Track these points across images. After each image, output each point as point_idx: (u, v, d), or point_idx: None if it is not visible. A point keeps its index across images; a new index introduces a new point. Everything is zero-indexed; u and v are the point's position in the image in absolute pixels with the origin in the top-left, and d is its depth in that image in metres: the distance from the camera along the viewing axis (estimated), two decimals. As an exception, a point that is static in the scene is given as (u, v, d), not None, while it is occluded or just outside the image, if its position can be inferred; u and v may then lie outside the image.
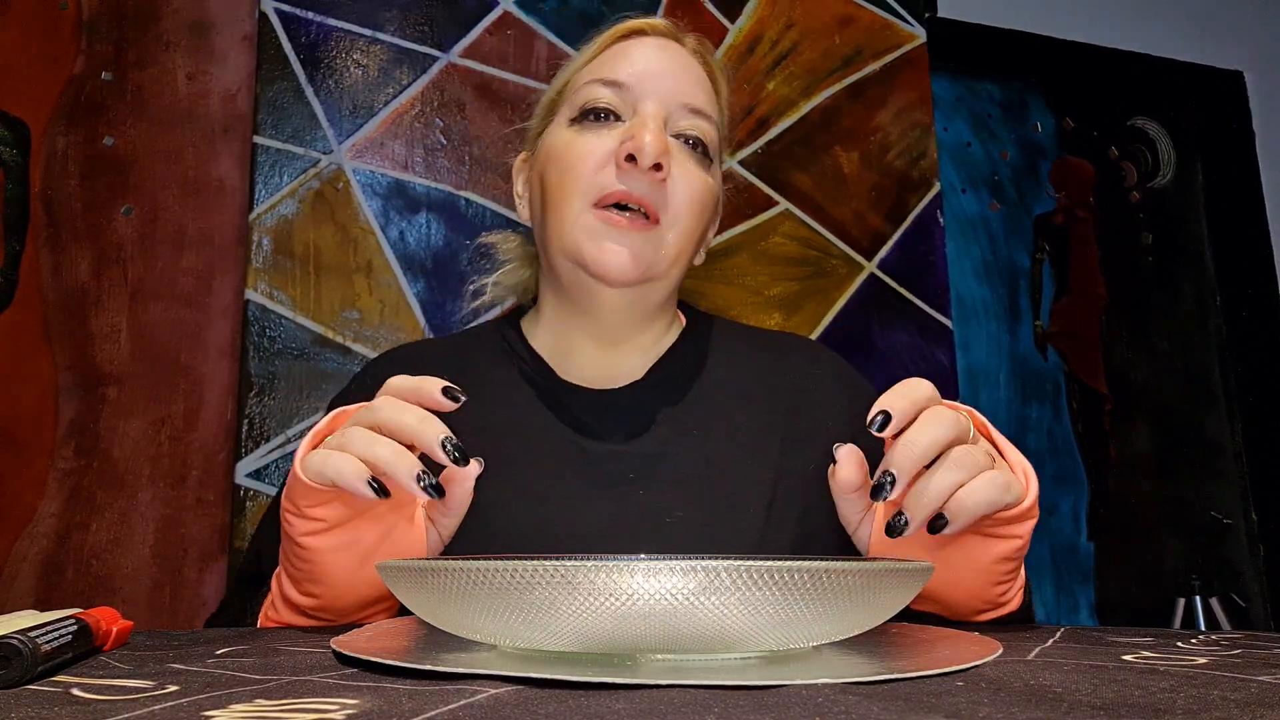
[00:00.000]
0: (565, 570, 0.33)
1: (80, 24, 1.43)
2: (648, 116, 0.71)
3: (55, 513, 1.30)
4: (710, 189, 0.75)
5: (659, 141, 0.69)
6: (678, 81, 0.73)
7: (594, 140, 0.72)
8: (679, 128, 0.73)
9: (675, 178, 0.71)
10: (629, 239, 0.70)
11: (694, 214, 0.73)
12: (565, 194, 0.71)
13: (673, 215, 0.71)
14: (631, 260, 0.70)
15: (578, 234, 0.71)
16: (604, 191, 0.70)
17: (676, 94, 0.73)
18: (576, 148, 0.72)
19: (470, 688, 0.32)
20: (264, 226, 1.40)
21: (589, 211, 0.71)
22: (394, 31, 1.52)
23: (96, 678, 0.36)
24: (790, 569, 0.33)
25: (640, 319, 0.77)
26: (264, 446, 1.34)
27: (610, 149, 0.71)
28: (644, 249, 0.70)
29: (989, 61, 2.15)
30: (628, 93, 0.72)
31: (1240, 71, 2.34)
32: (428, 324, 1.45)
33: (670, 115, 0.73)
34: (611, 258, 0.69)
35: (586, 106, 0.73)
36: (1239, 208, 2.29)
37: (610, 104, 0.73)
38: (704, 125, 0.74)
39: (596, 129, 0.72)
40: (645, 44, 0.75)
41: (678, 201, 0.72)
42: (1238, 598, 2.08)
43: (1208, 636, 0.48)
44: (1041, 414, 2.05)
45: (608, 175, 0.70)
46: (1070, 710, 0.28)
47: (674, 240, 0.72)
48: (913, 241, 1.76)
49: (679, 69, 0.74)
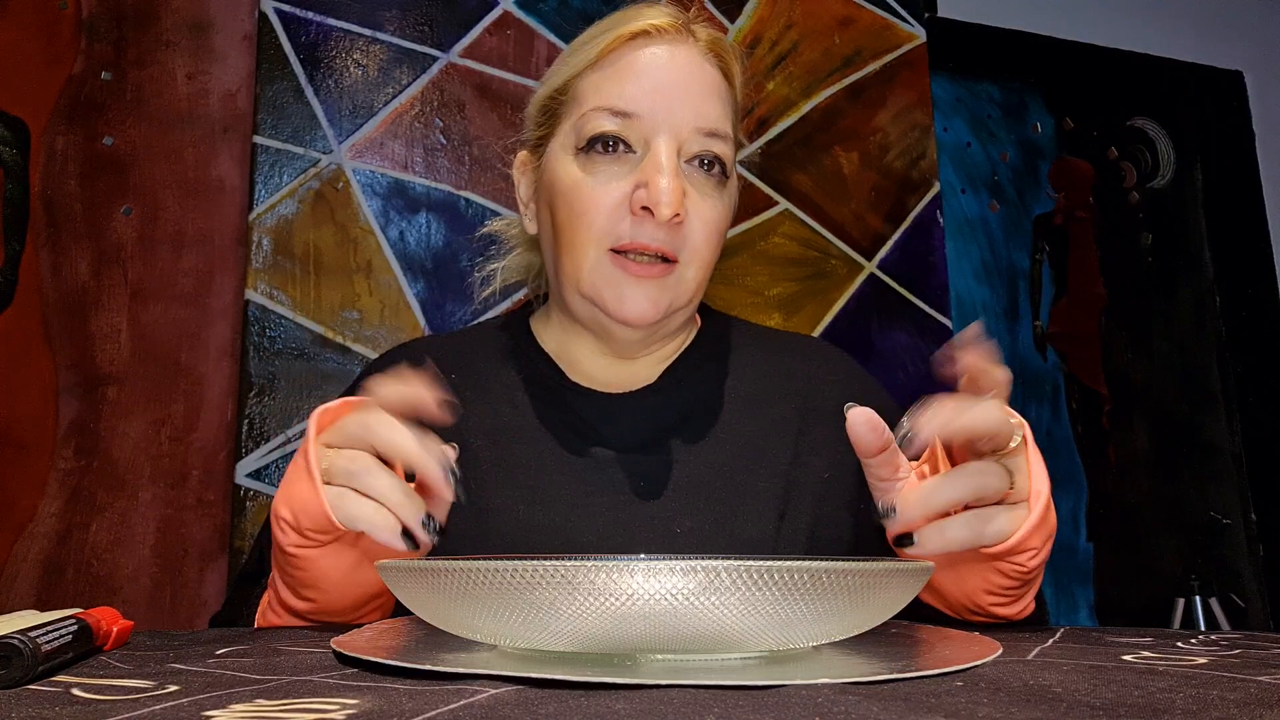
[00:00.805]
0: (565, 570, 0.33)
1: (80, 24, 1.43)
2: (661, 157, 0.67)
3: (55, 513, 1.30)
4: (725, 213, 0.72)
5: (675, 192, 0.66)
6: (691, 102, 0.69)
7: (604, 181, 0.68)
8: (694, 152, 0.69)
9: (692, 216, 0.69)
10: (649, 287, 0.68)
11: (711, 246, 0.71)
12: (579, 239, 0.69)
13: (690, 253, 0.69)
14: (652, 306, 0.68)
15: (595, 281, 0.69)
16: (620, 241, 0.68)
17: (691, 119, 0.69)
18: (585, 190, 0.68)
19: (470, 688, 0.32)
20: (264, 226, 1.40)
21: (605, 258, 0.68)
22: (394, 31, 1.52)
23: (97, 678, 0.36)
24: (790, 569, 0.33)
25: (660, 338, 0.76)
26: (264, 447, 1.34)
27: (624, 192, 0.67)
28: (662, 293, 0.69)
29: (989, 62, 2.15)
30: (638, 123, 0.68)
31: (1240, 71, 2.34)
32: (427, 324, 1.45)
33: (684, 143, 0.69)
34: (631, 307, 0.68)
35: (593, 137, 0.69)
36: (1238, 208, 2.29)
37: (619, 135, 0.69)
38: (721, 146, 0.70)
39: (606, 164, 0.68)
40: (654, 53, 0.70)
41: (695, 241, 0.69)
42: (1237, 598, 2.08)
43: (1207, 636, 0.48)
44: (1041, 414, 2.06)
45: (623, 224, 0.68)
46: (1070, 710, 0.28)
47: (694, 275, 0.70)
48: (912, 242, 1.76)
49: (691, 84, 0.70)
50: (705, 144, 0.69)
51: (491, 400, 0.74)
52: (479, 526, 0.66)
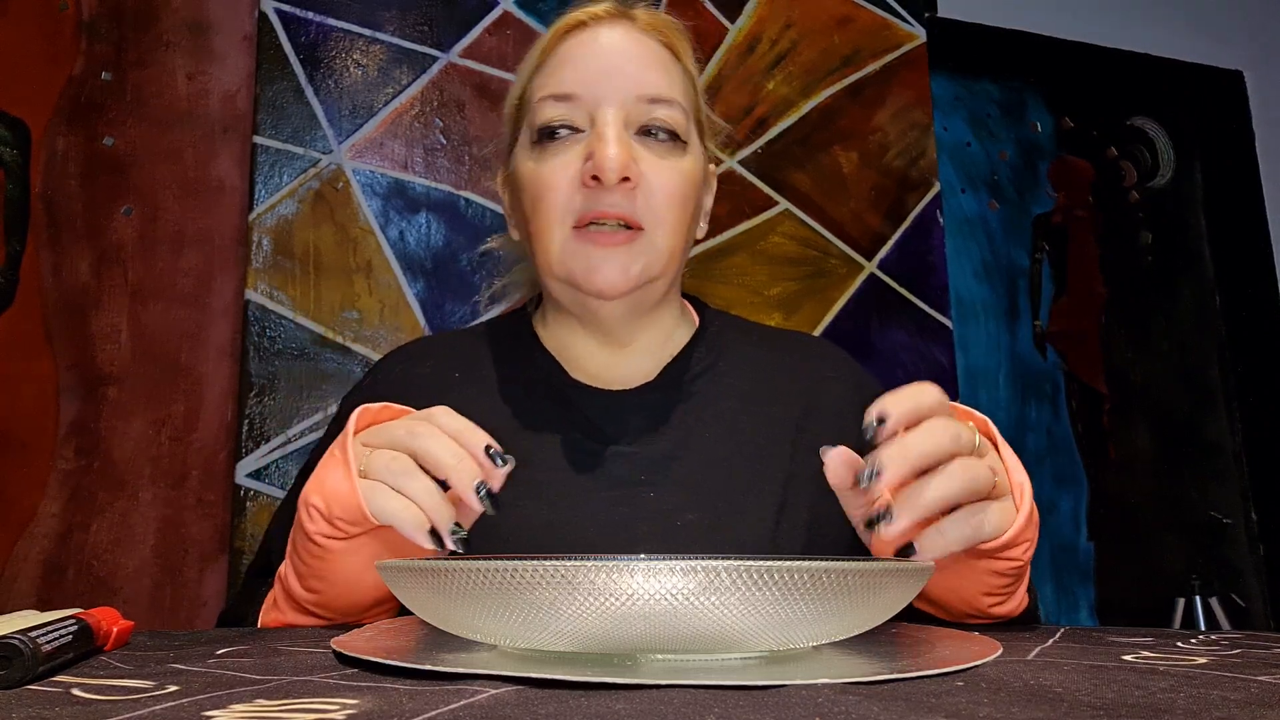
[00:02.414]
0: (565, 570, 0.33)
1: (80, 24, 1.43)
2: (605, 127, 0.68)
3: (56, 513, 1.30)
4: (687, 175, 0.72)
5: (621, 155, 0.67)
6: (630, 74, 0.70)
7: (557, 164, 0.70)
8: (642, 123, 0.70)
9: (647, 179, 0.70)
10: (616, 254, 0.69)
11: (675, 209, 0.71)
12: (543, 223, 0.71)
13: (654, 218, 0.70)
14: (622, 274, 0.69)
15: (565, 259, 0.70)
16: (578, 215, 0.69)
17: (631, 88, 0.70)
18: (542, 175, 0.70)
19: (470, 688, 0.32)
20: (264, 226, 1.40)
21: (570, 235, 0.70)
22: (394, 31, 1.52)
23: (97, 678, 0.36)
24: (790, 569, 0.33)
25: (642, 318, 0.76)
26: (264, 447, 1.34)
27: (575, 169, 0.69)
28: (632, 260, 0.69)
29: (988, 61, 2.15)
30: (580, 103, 0.70)
31: (1240, 71, 2.34)
32: (427, 324, 1.45)
33: (630, 113, 0.70)
34: (601, 277, 0.69)
35: (542, 127, 0.71)
36: (1238, 207, 2.29)
37: (564, 120, 0.70)
38: (667, 111, 0.71)
39: (556, 149, 0.70)
40: (589, 38, 0.72)
41: (655, 204, 0.70)
42: (1237, 598, 2.08)
43: (1208, 636, 0.48)
44: (1041, 414, 2.06)
45: (578, 198, 0.69)
46: (1070, 710, 0.28)
47: (662, 241, 0.71)
48: (912, 241, 1.76)
49: (630, 57, 0.71)
50: (650, 110, 0.70)
51: (494, 398, 0.75)
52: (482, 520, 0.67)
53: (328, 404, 1.38)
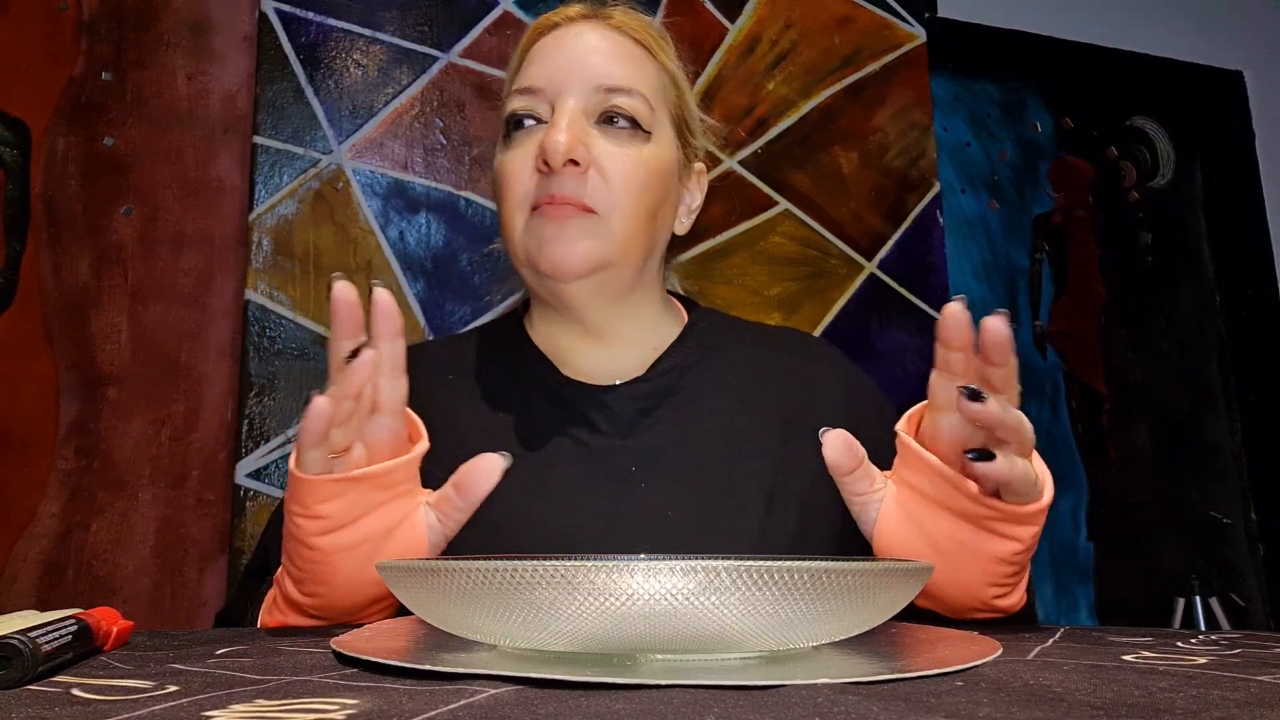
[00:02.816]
0: (565, 570, 0.33)
1: (80, 24, 1.43)
2: (559, 115, 0.70)
3: (56, 513, 1.30)
4: (648, 163, 0.73)
5: (566, 137, 0.68)
6: (593, 65, 0.72)
7: (519, 153, 0.72)
8: (600, 110, 0.72)
9: (601, 164, 0.70)
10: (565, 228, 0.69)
11: (632, 195, 0.71)
12: (506, 211, 0.73)
13: (608, 203, 0.71)
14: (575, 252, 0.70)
15: (525, 241, 0.71)
16: (531, 198, 0.70)
17: (591, 79, 0.71)
18: (506, 165, 0.73)
19: (470, 688, 0.32)
20: (264, 227, 1.40)
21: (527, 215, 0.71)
22: (394, 31, 1.52)
23: (97, 678, 0.36)
24: (790, 569, 0.34)
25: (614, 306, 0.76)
26: (264, 447, 1.34)
27: (533, 157, 0.71)
28: (584, 238, 0.70)
29: (988, 61, 2.15)
30: (542, 95, 0.72)
31: (1240, 71, 2.34)
32: (427, 324, 1.45)
33: (588, 105, 0.71)
34: (556, 253, 0.69)
35: (508, 119, 0.73)
36: (1238, 208, 2.29)
37: (527, 110, 0.72)
38: (627, 100, 0.72)
39: (519, 140, 0.72)
40: (559, 36, 0.74)
41: (610, 189, 0.70)
42: (1237, 598, 2.08)
43: (1207, 636, 0.48)
44: (1041, 414, 2.06)
45: (532, 183, 0.71)
46: (1070, 710, 0.28)
47: (619, 225, 0.71)
48: (912, 241, 1.76)
49: (595, 50, 0.73)
50: (608, 99, 0.72)
51: (487, 397, 0.76)
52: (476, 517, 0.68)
53: (328, 404, 1.37)
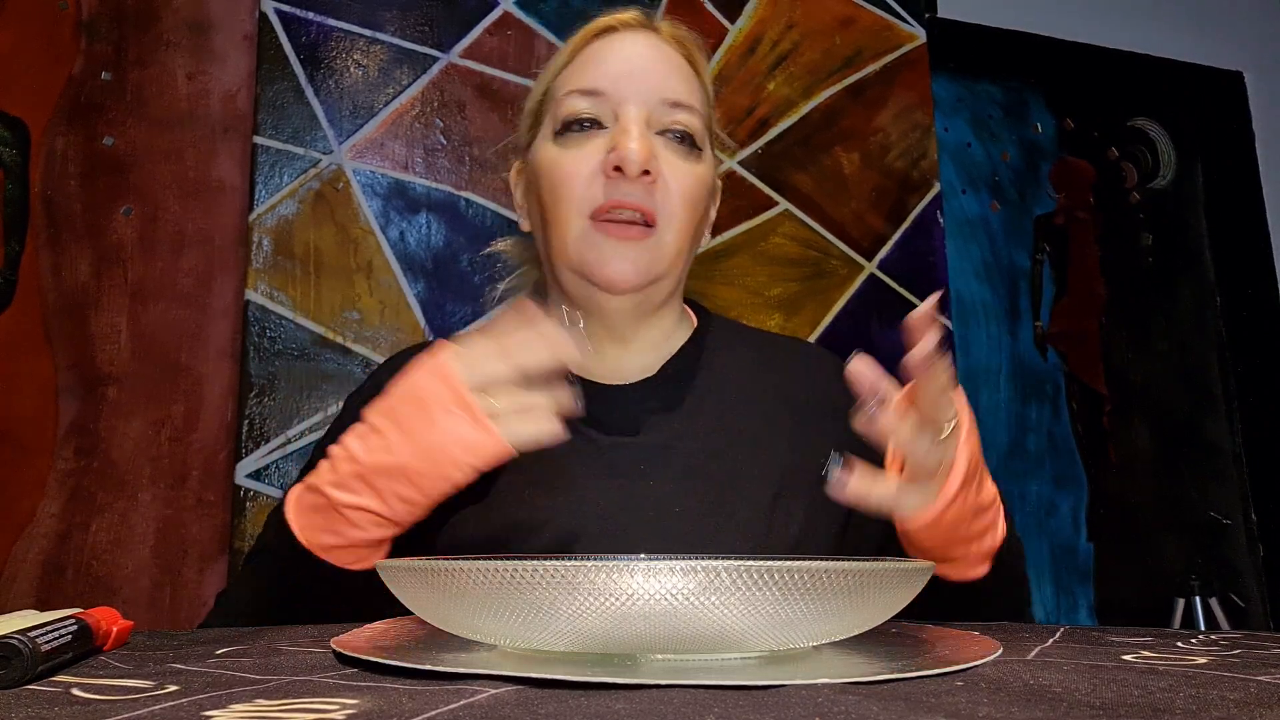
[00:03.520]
0: (565, 570, 0.33)
1: (80, 24, 1.43)
2: (629, 122, 0.71)
3: (55, 513, 1.30)
4: (701, 180, 0.75)
5: (643, 148, 0.70)
6: (655, 77, 0.74)
7: (579, 154, 0.72)
8: (662, 124, 0.73)
9: (665, 178, 0.72)
10: (627, 249, 0.71)
11: (688, 210, 0.74)
12: (560, 211, 0.73)
13: (667, 216, 0.72)
14: (633, 268, 0.71)
15: (580, 248, 0.72)
16: (596, 204, 0.71)
17: (655, 91, 0.73)
18: (564, 164, 0.73)
19: (470, 688, 0.32)
20: (264, 227, 1.40)
21: (587, 225, 0.72)
22: (394, 31, 1.52)
23: (96, 678, 0.36)
24: (790, 569, 0.33)
25: (645, 315, 0.78)
26: (264, 447, 1.34)
27: (597, 161, 0.72)
28: (643, 255, 0.72)
29: (989, 62, 2.15)
30: (606, 99, 0.73)
31: (1240, 71, 2.34)
32: (428, 324, 1.45)
33: (652, 114, 0.73)
34: (614, 269, 0.71)
35: (567, 119, 0.74)
36: (1239, 208, 2.29)
37: (590, 113, 0.73)
38: (686, 117, 0.74)
39: (580, 141, 0.73)
40: (618, 42, 0.76)
41: (671, 202, 0.72)
42: (1237, 598, 2.08)
43: (1207, 636, 0.48)
44: (1041, 414, 2.05)
45: (598, 187, 0.71)
46: (1070, 710, 0.28)
47: (672, 240, 0.73)
48: (913, 242, 1.76)
49: (655, 62, 0.75)
50: (672, 114, 0.74)
51: None
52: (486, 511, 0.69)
53: (328, 404, 1.38)
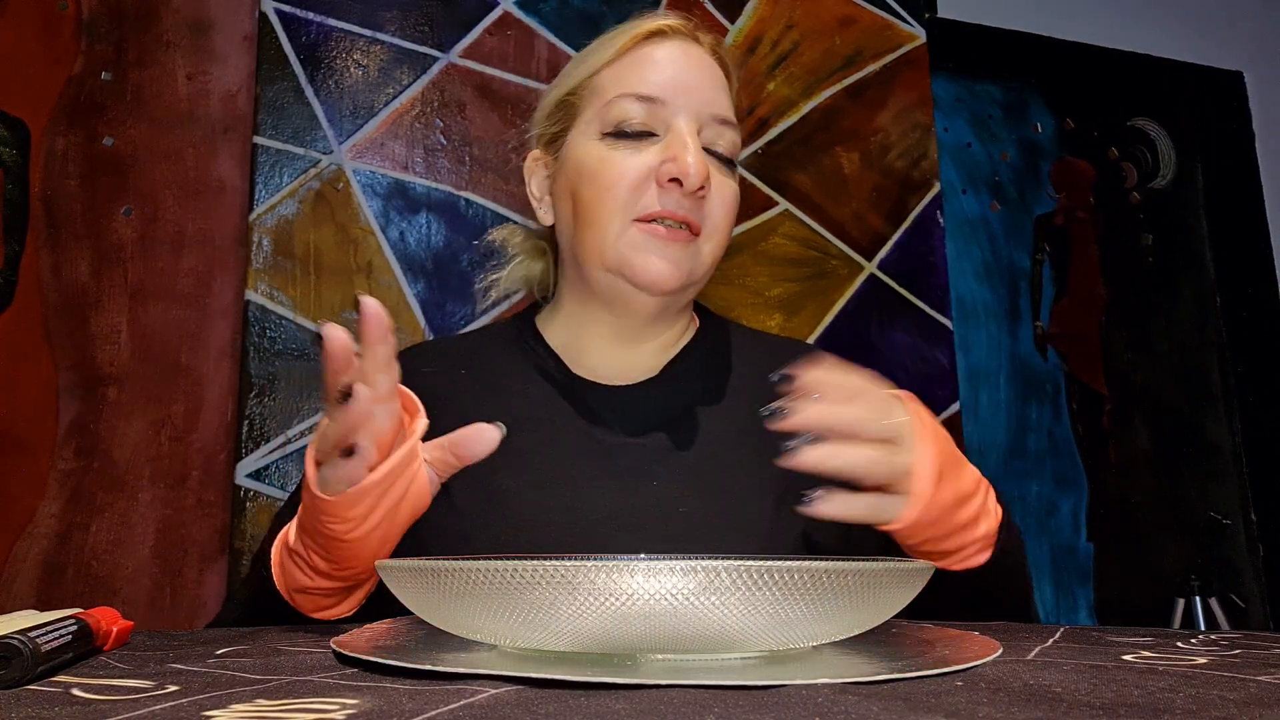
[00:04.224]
0: (565, 570, 0.33)
1: (80, 24, 1.43)
2: (686, 136, 0.72)
3: (55, 513, 1.30)
4: (736, 195, 0.78)
5: (703, 166, 0.71)
6: (705, 92, 0.75)
7: (631, 158, 0.73)
8: (710, 141, 0.75)
9: (713, 192, 0.74)
10: (672, 251, 0.72)
11: (727, 224, 0.76)
12: (604, 211, 0.73)
13: (711, 228, 0.74)
14: (673, 271, 0.72)
15: (621, 248, 0.73)
16: (647, 210, 0.72)
17: (706, 106, 0.75)
18: (614, 165, 0.73)
19: (470, 688, 0.32)
20: (264, 227, 1.40)
21: (631, 226, 0.73)
22: (394, 31, 1.52)
23: (96, 678, 0.36)
24: (790, 569, 0.33)
25: (663, 318, 0.79)
26: (264, 447, 1.34)
27: (650, 166, 0.72)
28: (684, 260, 0.73)
29: (989, 62, 2.15)
30: (661, 107, 0.74)
31: (1240, 71, 2.34)
32: (428, 324, 1.45)
33: (703, 128, 0.75)
34: (655, 270, 0.72)
35: (621, 123, 0.74)
36: (1239, 208, 2.29)
37: (644, 122, 0.74)
38: (731, 136, 0.76)
39: (632, 145, 0.74)
40: (670, 49, 0.76)
41: (716, 216, 0.74)
42: (1237, 598, 2.08)
43: (1207, 636, 0.48)
44: (1041, 415, 2.05)
45: (649, 195, 0.72)
46: (1070, 710, 0.28)
47: (710, 250, 0.75)
48: (913, 242, 1.76)
49: (704, 76, 0.76)
50: (720, 130, 0.76)
51: (500, 393, 0.78)
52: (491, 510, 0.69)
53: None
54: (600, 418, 0.76)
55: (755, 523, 0.71)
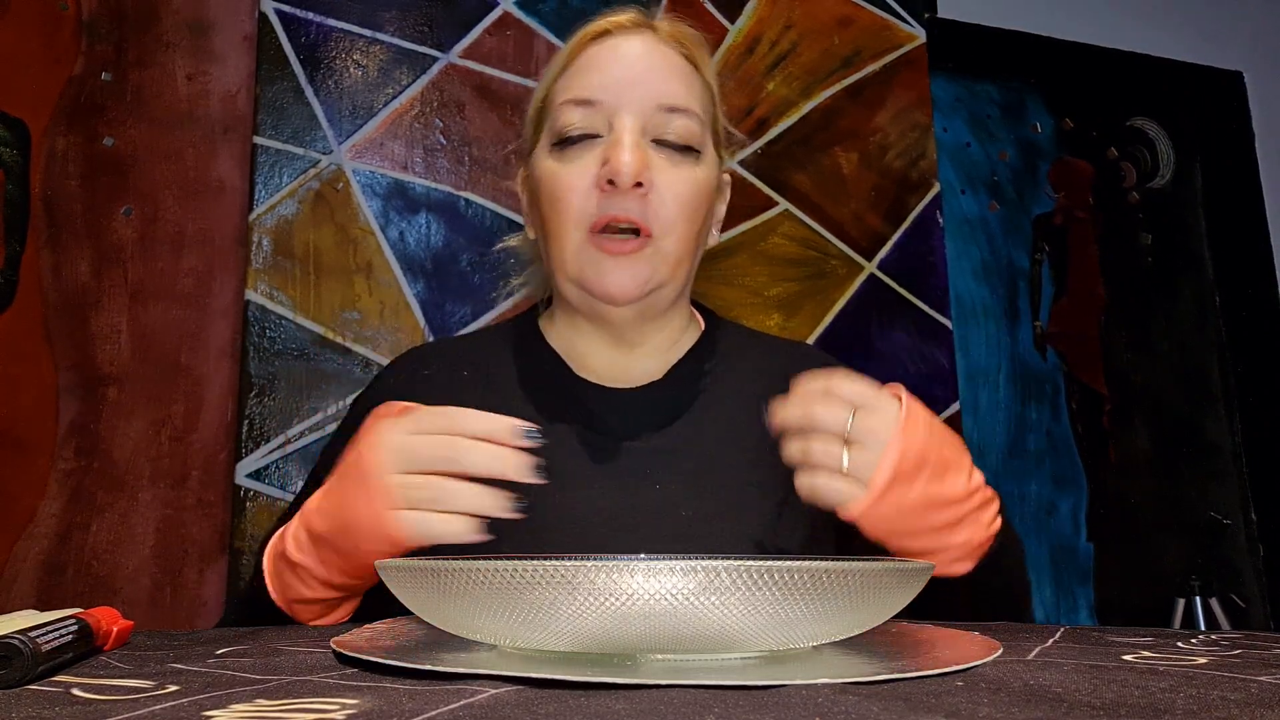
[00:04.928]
0: (565, 570, 0.33)
1: (80, 24, 1.43)
2: (623, 133, 0.70)
3: (56, 513, 1.30)
4: (699, 184, 0.74)
5: (634, 161, 0.69)
6: (651, 83, 0.72)
7: (575, 168, 0.72)
8: (659, 133, 0.72)
9: (660, 188, 0.71)
10: (626, 263, 0.71)
11: (685, 218, 0.73)
12: (559, 225, 0.73)
13: (664, 225, 0.72)
14: (633, 281, 0.71)
15: (580, 263, 0.72)
16: (595, 218, 0.71)
17: (651, 97, 0.72)
18: (560, 178, 0.72)
19: (470, 688, 0.32)
20: (264, 227, 1.40)
21: (585, 239, 0.71)
22: (394, 32, 1.52)
23: (97, 678, 0.36)
24: (790, 569, 0.33)
25: (651, 320, 0.78)
26: (264, 447, 1.34)
27: (593, 173, 0.71)
28: (641, 267, 0.71)
29: (988, 62, 2.15)
30: (600, 109, 0.72)
31: (1240, 71, 2.34)
32: (427, 324, 1.45)
33: (648, 122, 0.72)
34: (613, 282, 0.71)
35: (562, 132, 0.73)
36: (1238, 208, 2.29)
37: (584, 127, 0.72)
38: (683, 122, 0.73)
39: (576, 153, 0.72)
40: (613, 46, 0.74)
41: (666, 212, 0.72)
42: (1237, 598, 2.08)
43: (1207, 636, 0.48)
44: (1041, 414, 2.05)
45: (593, 201, 0.71)
46: (1070, 710, 0.28)
47: (671, 248, 0.73)
48: (912, 242, 1.76)
49: (651, 67, 0.73)
50: (668, 120, 0.73)
51: (503, 395, 0.77)
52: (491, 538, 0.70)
53: (328, 404, 1.38)
54: (602, 420, 0.75)
55: (758, 526, 0.71)
